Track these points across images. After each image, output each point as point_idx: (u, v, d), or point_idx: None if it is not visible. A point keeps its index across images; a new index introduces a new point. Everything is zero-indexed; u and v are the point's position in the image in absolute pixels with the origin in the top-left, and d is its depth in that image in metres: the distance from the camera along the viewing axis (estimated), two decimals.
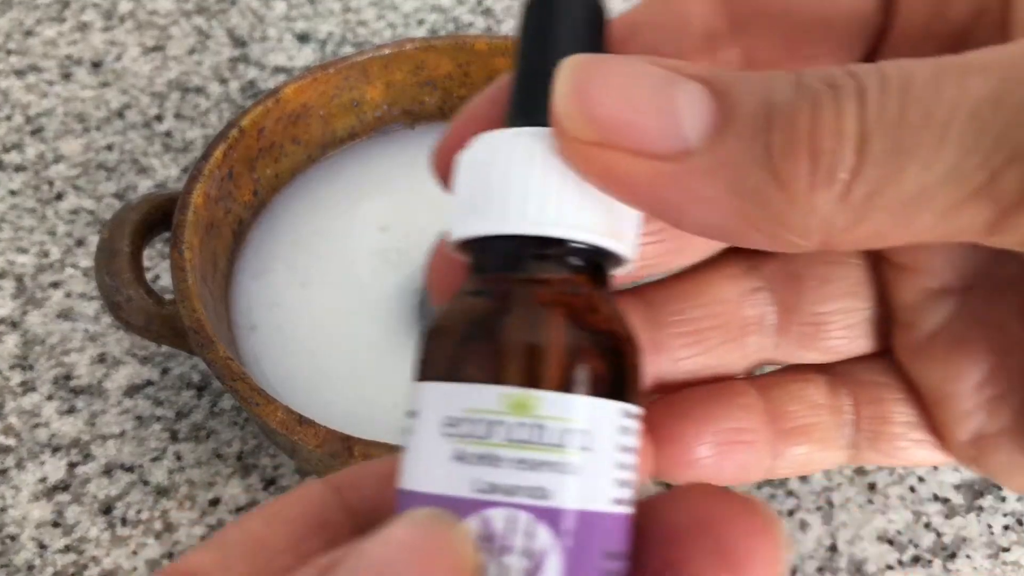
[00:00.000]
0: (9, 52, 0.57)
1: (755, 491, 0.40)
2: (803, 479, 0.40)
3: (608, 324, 0.20)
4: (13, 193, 0.51)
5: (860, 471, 0.41)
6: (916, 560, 0.38)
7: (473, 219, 0.20)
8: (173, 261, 0.38)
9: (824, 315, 0.23)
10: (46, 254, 0.48)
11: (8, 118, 0.54)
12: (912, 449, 0.23)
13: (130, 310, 0.39)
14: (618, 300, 0.22)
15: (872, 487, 0.40)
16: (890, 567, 0.38)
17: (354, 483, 0.21)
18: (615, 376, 0.19)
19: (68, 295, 0.47)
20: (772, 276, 0.23)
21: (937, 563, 0.38)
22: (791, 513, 0.40)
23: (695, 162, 0.17)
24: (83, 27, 0.59)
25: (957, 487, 0.40)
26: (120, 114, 0.54)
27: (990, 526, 0.39)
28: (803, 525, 0.39)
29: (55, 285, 0.47)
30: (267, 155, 0.45)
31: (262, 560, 0.19)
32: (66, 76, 0.56)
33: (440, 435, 0.19)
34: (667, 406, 0.23)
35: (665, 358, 0.23)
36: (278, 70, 0.56)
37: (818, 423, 0.23)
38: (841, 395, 0.23)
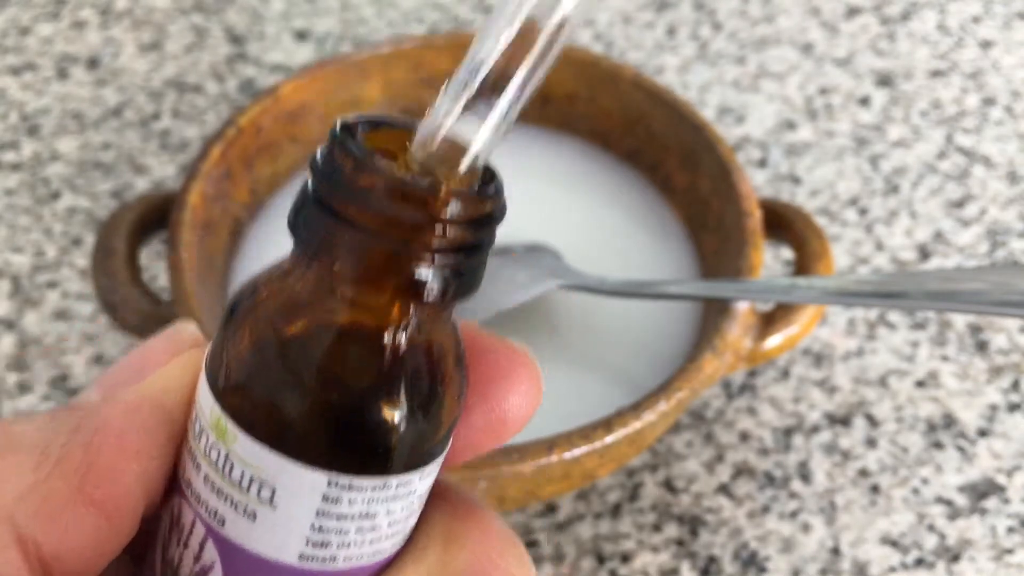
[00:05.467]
0: (5, 50, 0.57)
1: (756, 493, 0.40)
2: (805, 481, 0.40)
3: (350, 378, 0.18)
4: (9, 192, 0.50)
5: (863, 473, 0.40)
6: (920, 562, 0.38)
7: None
8: (170, 261, 0.38)
9: None
10: (42, 254, 0.48)
11: (4, 117, 0.54)
12: None
13: (126, 310, 0.38)
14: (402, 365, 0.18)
15: (875, 489, 0.40)
16: (893, 570, 0.38)
17: None
18: (330, 442, 0.17)
19: (64, 295, 0.46)
20: None
21: (941, 565, 0.38)
22: (793, 515, 0.39)
23: None
24: (79, 25, 0.58)
25: (961, 489, 0.40)
26: (117, 112, 0.54)
27: (994, 528, 0.39)
28: (806, 527, 0.39)
29: (51, 285, 0.47)
30: (265, 154, 0.44)
31: None
32: (62, 74, 0.56)
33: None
34: None
35: None
36: (276, 68, 0.56)
37: None
38: None
